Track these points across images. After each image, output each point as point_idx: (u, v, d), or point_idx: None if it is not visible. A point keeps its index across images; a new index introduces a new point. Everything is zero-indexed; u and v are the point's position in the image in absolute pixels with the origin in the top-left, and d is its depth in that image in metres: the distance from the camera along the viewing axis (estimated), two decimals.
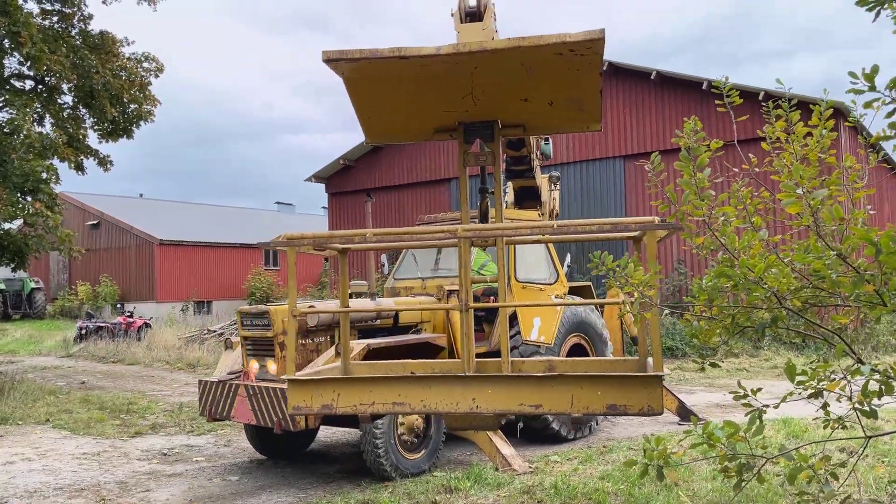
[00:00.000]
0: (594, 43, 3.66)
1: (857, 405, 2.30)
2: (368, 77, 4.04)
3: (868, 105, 2.30)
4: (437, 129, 4.71)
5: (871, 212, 2.87)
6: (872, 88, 2.22)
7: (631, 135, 19.11)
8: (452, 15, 5.24)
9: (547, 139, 9.00)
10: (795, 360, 12.18)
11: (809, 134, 2.84)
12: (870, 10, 2.19)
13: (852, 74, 2.24)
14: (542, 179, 9.36)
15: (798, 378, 2.37)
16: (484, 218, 5.37)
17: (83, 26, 15.51)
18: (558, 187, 10.27)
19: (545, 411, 3.78)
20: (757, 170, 2.98)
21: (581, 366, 4.63)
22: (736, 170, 3.14)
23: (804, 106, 3.29)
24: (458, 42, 4.23)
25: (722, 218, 2.72)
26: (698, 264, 17.57)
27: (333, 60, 3.77)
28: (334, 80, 4.00)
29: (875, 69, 2.21)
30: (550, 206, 9.91)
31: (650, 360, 4.30)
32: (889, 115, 2.25)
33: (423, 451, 6.83)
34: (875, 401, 2.19)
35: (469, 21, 4.72)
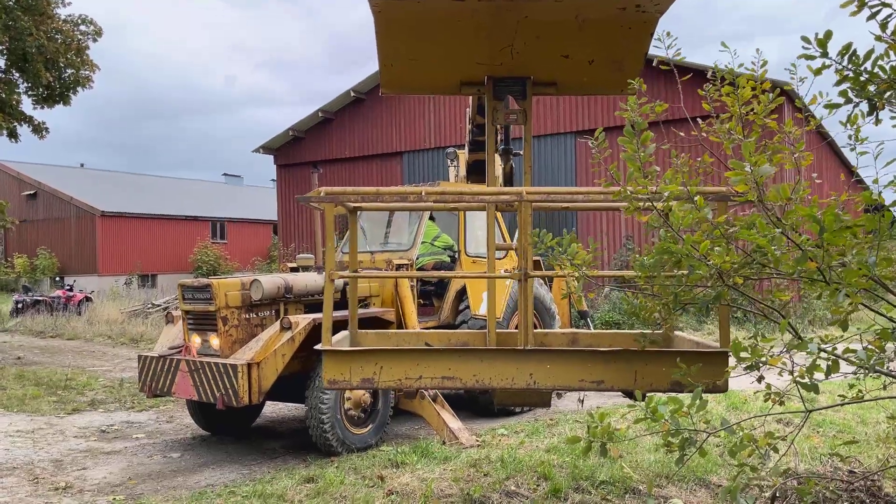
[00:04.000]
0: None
1: (798, 379, 2.31)
2: (404, 20, 3.82)
3: (818, 72, 2.27)
4: (464, 82, 4.50)
5: (818, 181, 2.88)
6: (825, 55, 2.19)
7: (582, 110, 19.20)
8: None
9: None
10: (736, 333, 12.51)
11: (754, 98, 2.80)
12: None
13: (805, 39, 2.21)
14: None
15: (742, 355, 2.38)
16: (508, 181, 5.21)
17: None
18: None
19: (607, 388, 3.62)
20: (705, 134, 2.95)
21: (606, 339, 4.45)
22: (682, 134, 3.10)
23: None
24: None
25: (666, 195, 2.69)
26: (647, 239, 17.84)
27: None
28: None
29: (828, 34, 2.18)
30: (502, 182, 9.85)
31: (678, 332, 4.27)
32: (839, 82, 2.24)
33: (370, 426, 6.78)
34: (817, 375, 2.20)
35: None
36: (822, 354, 2.18)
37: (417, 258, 8.18)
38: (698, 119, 3.12)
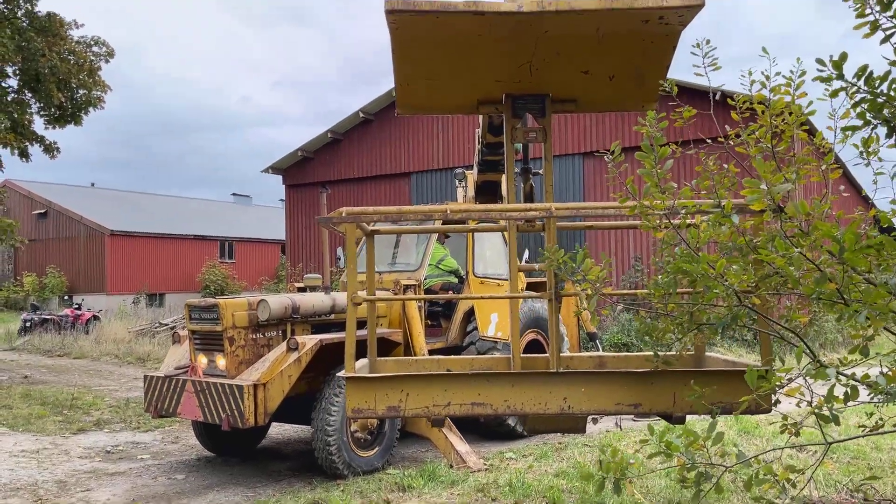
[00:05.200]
0: (689, 11, 3.47)
1: (817, 409, 2.22)
2: (422, 37, 3.72)
3: (835, 94, 2.23)
4: (481, 100, 4.40)
5: (845, 194, 2.81)
6: (840, 77, 2.15)
7: (591, 132, 19.20)
8: None
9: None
10: (748, 356, 12.36)
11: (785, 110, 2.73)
12: None
13: (819, 62, 2.16)
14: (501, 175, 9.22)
15: (760, 384, 2.30)
16: (528, 200, 5.08)
17: (29, 7, 14.97)
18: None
19: (645, 411, 3.47)
20: (731, 142, 2.87)
21: (634, 361, 4.26)
22: (709, 141, 3.02)
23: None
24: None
25: (683, 211, 2.63)
26: (658, 258, 17.71)
27: (398, 12, 3.43)
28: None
29: (843, 56, 2.14)
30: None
31: (709, 353, 4.11)
32: (855, 104, 2.19)
33: (376, 449, 6.70)
34: (836, 405, 2.12)
35: None
36: (841, 380, 2.11)
37: (425, 279, 8.13)
38: (726, 127, 3.04)
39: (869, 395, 2.55)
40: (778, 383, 2.26)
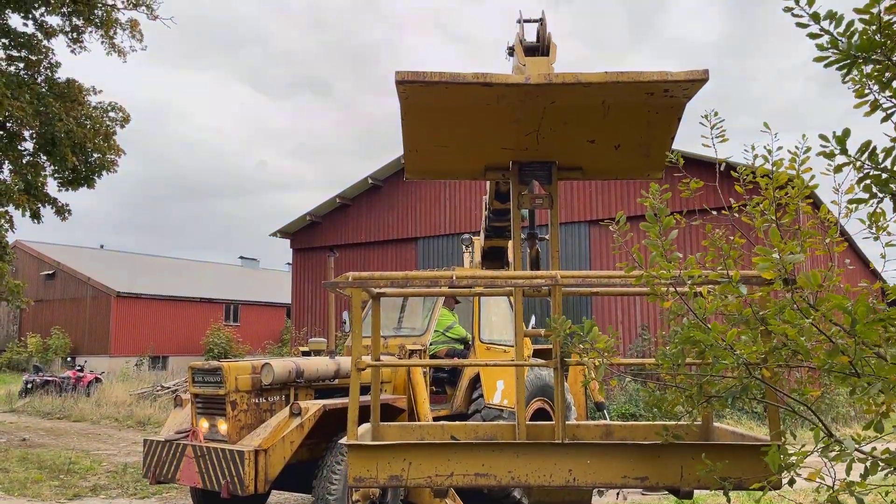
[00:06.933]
0: (693, 84, 3.52)
1: (835, 496, 2.14)
2: (431, 106, 3.80)
3: (838, 169, 2.25)
4: (489, 166, 4.47)
5: (850, 266, 2.79)
6: (844, 152, 2.17)
7: (596, 199, 19.38)
8: (510, 48, 5.03)
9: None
10: (758, 429, 12.11)
11: (789, 183, 2.74)
12: (829, 65, 2.12)
13: (823, 137, 2.19)
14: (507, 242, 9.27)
15: (782, 465, 2.22)
16: (535, 266, 5.13)
17: (49, 74, 15.41)
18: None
19: (652, 484, 3.37)
20: (736, 214, 2.86)
21: (641, 431, 4.18)
22: (714, 212, 3.03)
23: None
24: (545, 73, 3.87)
25: (689, 281, 2.61)
26: (665, 328, 17.59)
27: (408, 83, 3.51)
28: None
29: (846, 132, 2.16)
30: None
31: (716, 424, 4.00)
32: (860, 180, 2.21)
33: None
34: (853, 476, 2.05)
35: (530, 56, 4.50)
36: (860, 456, 2.05)
37: (430, 345, 8.07)
38: (731, 201, 3.06)
39: (882, 470, 2.48)
40: (797, 467, 2.18)
